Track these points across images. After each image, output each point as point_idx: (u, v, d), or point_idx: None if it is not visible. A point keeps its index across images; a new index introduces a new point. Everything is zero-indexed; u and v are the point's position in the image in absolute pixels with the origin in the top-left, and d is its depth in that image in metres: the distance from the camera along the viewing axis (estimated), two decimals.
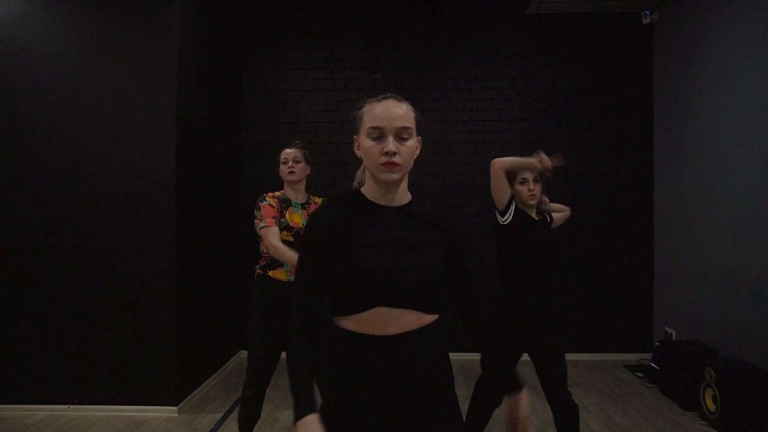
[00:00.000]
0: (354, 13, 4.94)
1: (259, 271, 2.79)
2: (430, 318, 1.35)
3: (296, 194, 2.80)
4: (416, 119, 1.37)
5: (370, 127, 1.33)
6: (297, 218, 2.73)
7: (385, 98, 1.35)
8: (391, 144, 1.30)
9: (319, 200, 2.83)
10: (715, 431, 3.24)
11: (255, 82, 5.02)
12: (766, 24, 3.35)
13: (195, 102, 3.94)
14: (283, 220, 2.71)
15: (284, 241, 2.65)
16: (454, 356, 1.57)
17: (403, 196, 1.42)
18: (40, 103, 3.58)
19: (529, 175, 2.66)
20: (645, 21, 4.77)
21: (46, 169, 3.58)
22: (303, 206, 2.78)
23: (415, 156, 1.39)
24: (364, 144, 1.34)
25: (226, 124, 4.68)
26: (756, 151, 3.46)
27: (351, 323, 1.33)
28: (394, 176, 1.33)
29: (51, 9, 3.58)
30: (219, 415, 3.55)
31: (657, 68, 4.81)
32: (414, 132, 1.35)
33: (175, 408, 3.55)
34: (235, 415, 3.56)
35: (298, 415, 1.24)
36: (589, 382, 4.17)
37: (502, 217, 2.70)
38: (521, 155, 2.72)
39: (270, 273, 2.73)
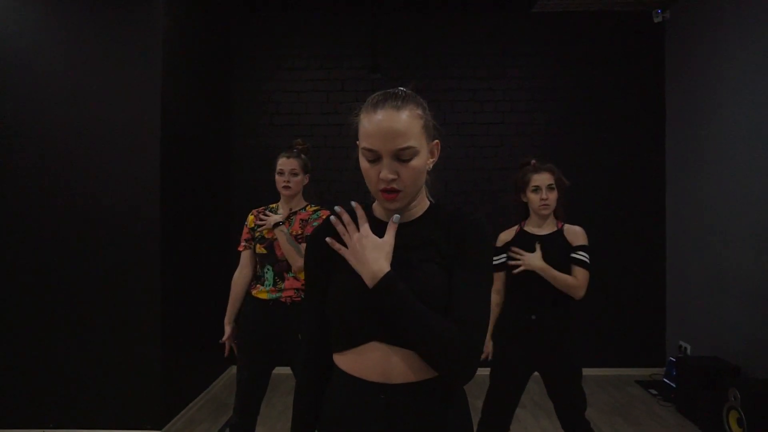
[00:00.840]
0: (351, 9, 4.71)
1: (249, 291, 2.58)
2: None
3: (289, 206, 2.58)
4: (424, 126, 1.11)
5: (363, 148, 1.08)
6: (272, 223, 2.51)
7: (382, 107, 1.07)
8: (386, 169, 1.06)
9: (310, 209, 2.59)
10: None
11: (247, 82, 4.77)
12: None
13: (182, 102, 3.69)
14: (260, 234, 2.53)
15: (258, 255, 2.52)
16: None
17: (415, 210, 1.19)
18: (21, 103, 3.32)
19: (543, 182, 2.44)
20: (656, 20, 4.56)
21: (23, 174, 3.32)
22: (290, 217, 2.55)
23: (429, 167, 1.16)
24: (361, 164, 1.11)
25: (215, 126, 4.43)
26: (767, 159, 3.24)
27: (346, 362, 1.10)
28: (397, 205, 1.10)
29: (31, 7, 3.32)
30: None
31: (669, 69, 4.60)
32: (419, 149, 1.08)
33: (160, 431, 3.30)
34: None
35: None
36: (600, 401, 3.94)
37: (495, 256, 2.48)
38: (528, 160, 2.51)
39: (253, 292, 2.53)
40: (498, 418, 2.47)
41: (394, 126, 1.05)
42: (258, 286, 2.51)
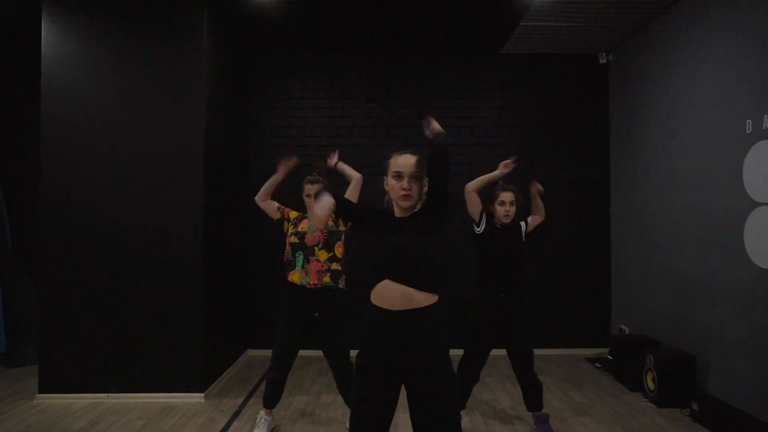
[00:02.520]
0: (351, 50, 5.63)
1: (285, 276, 3.39)
2: (430, 299, 1.94)
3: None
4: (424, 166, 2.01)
5: (393, 171, 2.02)
6: (304, 223, 3.35)
7: (405, 152, 2.06)
8: (406, 182, 1.98)
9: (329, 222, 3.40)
10: (654, 405, 3.95)
11: (262, 111, 5.66)
12: (696, 71, 4.13)
13: (218, 130, 4.55)
14: (295, 229, 3.36)
15: (292, 244, 3.32)
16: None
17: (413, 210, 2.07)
18: (88, 132, 4.14)
19: (507, 198, 3.33)
20: (601, 61, 5.56)
21: (96, 189, 4.13)
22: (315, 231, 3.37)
23: (425, 190, 2.06)
24: (389, 182, 2.04)
25: (238, 148, 5.29)
26: (687, 177, 4.22)
27: (372, 297, 2.01)
28: (409, 203, 2.01)
29: (99, 50, 4.16)
30: (240, 400, 4.14)
31: (612, 104, 5.60)
32: (422, 175, 2.02)
33: (202, 394, 4.12)
34: (254, 399, 4.15)
35: None
36: (555, 373, 4.86)
37: (478, 227, 3.37)
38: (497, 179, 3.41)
39: (289, 277, 3.32)
40: (471, 369, 3.38)
41: (411, 160, 2.01)
42: (292, 271, 3.30)
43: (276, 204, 3.50)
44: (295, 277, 3.28)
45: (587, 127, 5.65)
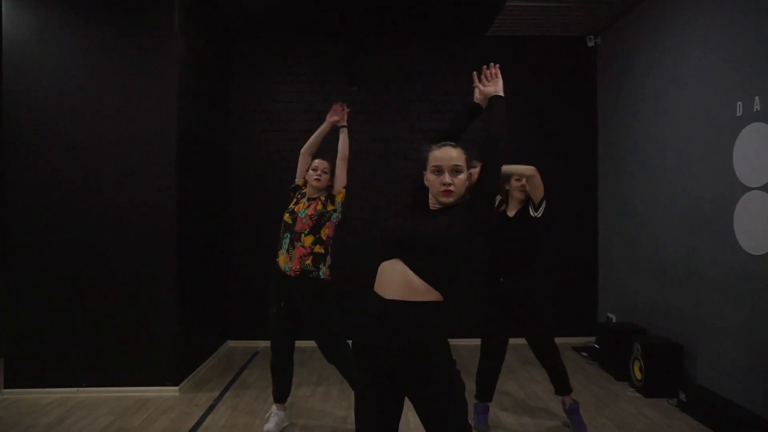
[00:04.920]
0: (332, 33, 5.44)
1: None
2: (431, 294, 1.69)
3: (314, 193, 3.30)
4: (466, 159, 1.84)
5: (432, 165, 1.83)
6: (300, 206, 3.28)
7: (444, 144, 1.86)
8: (447, 177, 1.80)
9: (323, 197, 3.28)
10: (641, 395, 3.87)
11: (242, 95, 5.47)
12: (685, 53, 4.01)
13: (192, 114, 4.37)
14: (292, 207, 3.31)
15: (284, 222, 3.27)
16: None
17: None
18: (55, 116, 3.94)
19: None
20: (590, 44, 5.43)
21: (64, 176, 3.95)
22: (309, 200, 3.29)
23: (467, 184, 1.86)
24: (428, 176, 1.86)
25: (217, 133, 5.11)
26: (674, 162, 4.11)
27: (376, 281, 1.80)
28: (450, 200, 1.83)
29: (65, 31, 3.95)
30: (216, 393, 4.00)
31: (600, 87, 5.48)
32: (464, 167, 1.83)
33: (176, 388, 3.98)
34: (231, 393, 4.02)
35: None
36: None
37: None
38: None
39: (277, 259, 3.26)
40: (489, 356, 3.30)
41: (452, 153, 1.83)
42: (280, 252, 3.24)
43: (306, 168, 3.39)
44: (280, 259, 3.25)
45: (574, 111, 5.53)
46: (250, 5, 4.79)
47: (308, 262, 3.18)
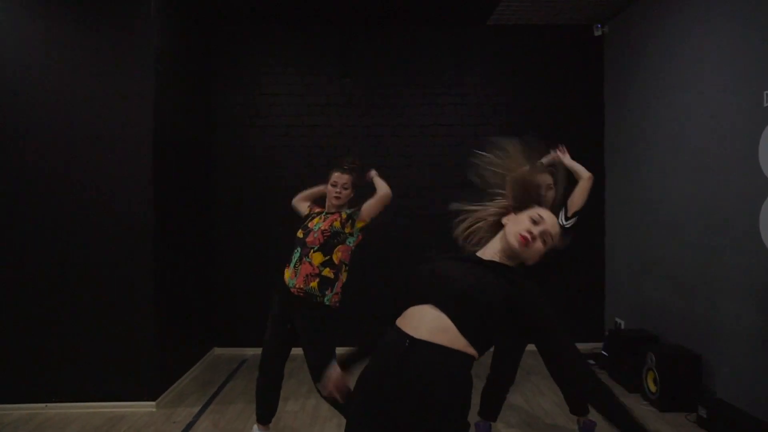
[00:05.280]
0: (323, 20, 5.12)
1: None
2: (462, 344, 1.41)
3: (332, 208, 3.01)
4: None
5: (538, 214, 1.55)
6: (315, 221, 2.97)
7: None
8: (537, 231, 1.52)
9: (345, 215, 2.97)
10: (656, 409, 3.59)
11: (228, 87, 5.14)
12: (701, 42, 3.72)
13: (171, 107, 4.05)
14: (305, 222, 3.02)
15: (297, 237, 2.98)
16: None
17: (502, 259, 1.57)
18: (18, 109, 3.62)
19: (542, 182, 2.92)
20: (596, 33, 5.12)
21: (29, 172, 3.64)
22: (326, 214, 2.99)
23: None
24: (523, 220, 1.54)
25: (199, 127, 4.79)
26: (690, 159, 3.82)
27: (399, 319, 1.51)
28: (524, 256, 1.55)
29: (33, 18, 3.63)
30: (196, 409, 3.70)
31: (607, 78, 5.18)
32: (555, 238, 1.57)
33: (154, 403, 3.68)
34: (212, 407, 3.72)
35: None
36: (544, 370, 4.46)
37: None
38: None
39: (284, 272, 2.94)
40: (497, 368, 3.02)
41: (556, 228, 1.58)
42: (287, 266, 2.93)
43: (308, 203, 3.21)
44: (286, 274, 2.93)
45: (580, 105, 5.23)
46: None
47: (313, 284, 2.84)
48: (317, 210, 3.08)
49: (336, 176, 2.99)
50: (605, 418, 1.38)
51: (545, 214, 1.57)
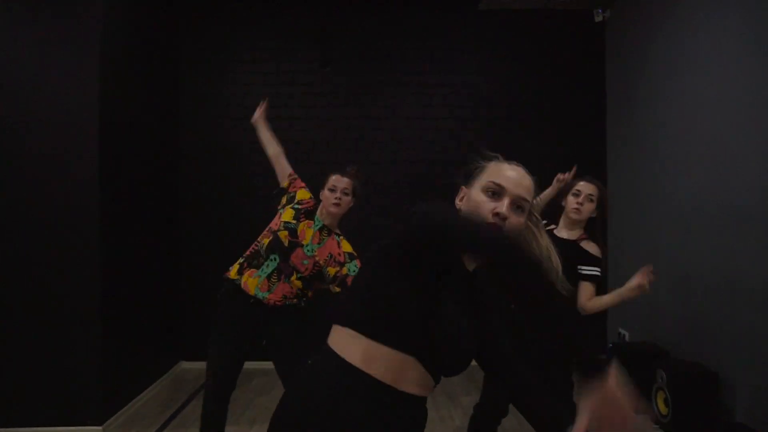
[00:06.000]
0: (301, 2, 4.72)
1: (229, 275, 2.52)
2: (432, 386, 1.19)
3: (327, 220, 2.55)
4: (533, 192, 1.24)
5: (491, 181, 1.19)
6: (308, 234, 2.50)
7: (516, 163, 1.25)
8: (505, 207, 1.17)
9: (344, 247, 2.55)
10: None
11: (194, 75, 4.73)
12: (712, 24, 3.32)
13: (123, 95, 3.63)
14: (293, 223, 2.50)
15: (276, 237, 2.48)
16: None
17: None
18: None
19: (584, 189, 2.57)
20: (597, 19, 4.72)
21: None
22: (322, 229, 2.54)
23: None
24: (477, 196, 1.21)
25: (161, 120, 4.37)
26: (704, 150, 3.42)
27: (358, 355, 1.12)
28: None
29: None
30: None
31: (609, 66, 4.79)
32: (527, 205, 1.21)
33: (100, 428, 3.25)
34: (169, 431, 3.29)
35: None
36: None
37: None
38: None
39: (243, 277, 2.47)
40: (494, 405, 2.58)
41: (525, 181, 1.21)
42: (252, 271, 2.46)
43: (289, 169, 2.74)
44: (248, 281, 2.45)
45: (580, 96, 4.82)
46: None
47: (294, 300, 2.50)
48: (306, 204, 2.58)
49: (335, 179, 2.53)
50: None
51: (508, 177, 1.21)
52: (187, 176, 4.70)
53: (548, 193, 2.89)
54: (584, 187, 2.56)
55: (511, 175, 1.20)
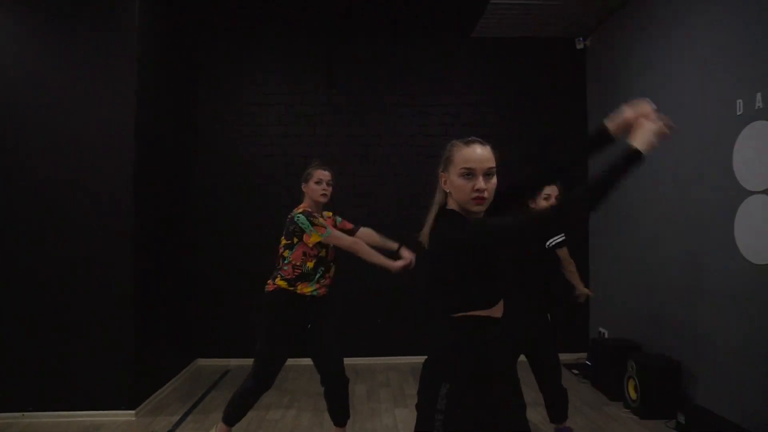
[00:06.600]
0: (310, 30, 5.18)
1: (281, 284, 2.87)
2: None
3: (315, 207, 2.95)
4: (497, 158, 1.62)
5: (463, 167, 1.56)
6: (328, 224, 2.95)
7: (472, 141, 1.61)
8: (481, 182, 1.54)
9: (329, 214, 3.04)
10: (636, 417, 3.59)
11: (212, 95, 5.17)
12: (675, 56, 3.79)
13: (153, 113, 4.07)
14: (319, 242, 2.87)
15: (319, 258, 2.89)
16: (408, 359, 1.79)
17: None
18: (1, 111, 3.63)
19: (552, 192, 3.00)
20: (579, 46, 5.21)
21: (10, 181, 3.62)
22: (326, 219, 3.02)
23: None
24: (455, 181, 1.58)
25: (183, 135, 4.81)
26: (669, 168, 3.87)
27: (478, 310, 1.60)
28: (482, 208, 1.58)
29: (12, 21, 3.65)
30: (176, 418, 3.66)
31: (590, 90, 5.26)
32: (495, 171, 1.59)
33: (133, 412, 3.63)
34: (192, 417, 3.68)
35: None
36: (528, 380, 4.45)
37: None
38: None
39: (297, 289, 2.86)
40: None
41: (484, 153, 1.58)
42: (305, 284, 2.86)
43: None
44: (307, 288, 2.89)
45: (564, 115, 5.30)
46: None
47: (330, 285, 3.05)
48: (321, 220, 2.93)
49: (320, 173, 2.94)
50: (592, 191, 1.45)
51: (473, 158, 1.58)
52: (205, 188, 5.12)
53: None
54: (552, 190, 3.03)
55: (475, 155, 1.57)
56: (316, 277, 2.89)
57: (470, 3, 4.72)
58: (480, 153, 1.58)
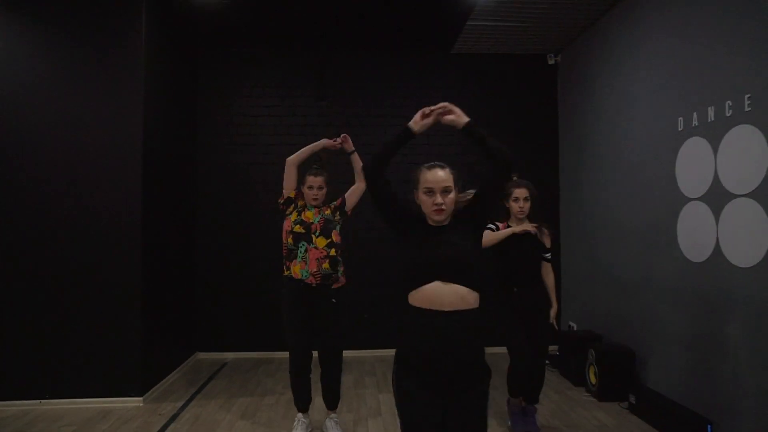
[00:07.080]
0: (301, 46, 5.57)
1: (284, 270, 3.28)
2: (477, 299, 1.89)
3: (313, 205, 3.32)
4: (455, 178, 1.99)
5: (425, 187, 1.97)
6: (309, 215, 3.28)
7: (433, 166, 2.02)
8: (439, 198, 1.95)
9: (333, 207, 3.36)
10: (595, 399, 4.01)
11: (211, 108, 5.55)
12: (631, 76, 4.22)
13: (158, 124, 4.43)
14: (299, 218, 3.25)
15: (295, 233, 3.21)
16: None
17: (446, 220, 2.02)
18: (14, 124, 3.97)
19: (520, 195, 3.30)
20: (550, 62, 5.64)
21: (27, 184, 3.96)
22: (313, 207, 3.31)
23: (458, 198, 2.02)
24: (421, 197, 2.00)
25: (184, 145, 5.18)
26: (626, 176, 4.30)
27: (416, 299, 1.88)
28: (442, 218, 1.97)
29: (24, 40, 4.00)
30: (180, 403, 4.02)
31: (560, 104, 5.69)
32: (453, 186, 1.97)
33: (141, 398, 3.99)
34: (195, 402, 4.05)
35: None
36: (502, 371, 4.86)
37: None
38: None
39: (289, 269, 3.21)
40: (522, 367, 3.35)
41: (442, 175, 1.98)
42: (293, 261, 3.19)
43: (295, 182, 3.35)
44: (296, 268, 3.19)
45: (537, 126, 5.72)
46: (218, 16, 4.89)
47: (326, 265, 3.18)
48: (301, 202, 3.31)
49: (311, 180, 3.23)
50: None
51: (432, 180, 1.99)
52: (205, 193, 5.49)
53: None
54: (520, 192, 3.32)
55: (433, 177, 1.96)
56: (299, 253, 3.17)
57: (451, 22, 5.11)
58: (439, 175, 1.98)
